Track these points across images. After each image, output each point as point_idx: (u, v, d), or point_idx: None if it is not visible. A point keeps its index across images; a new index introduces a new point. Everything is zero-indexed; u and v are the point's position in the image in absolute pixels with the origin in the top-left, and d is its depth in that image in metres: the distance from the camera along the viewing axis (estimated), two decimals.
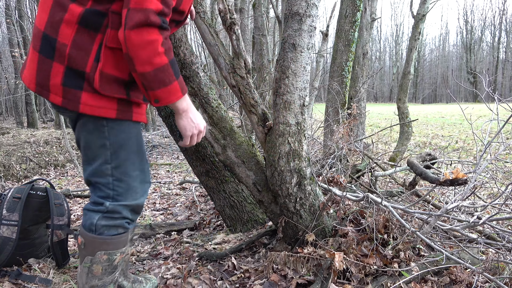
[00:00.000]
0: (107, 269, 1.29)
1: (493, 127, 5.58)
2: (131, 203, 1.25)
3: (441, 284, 1.49)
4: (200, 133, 1.24)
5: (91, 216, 1.24)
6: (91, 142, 1.18)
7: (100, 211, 1.23)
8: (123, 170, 1.21)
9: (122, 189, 1.22)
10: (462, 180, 1.45)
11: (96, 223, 1.23)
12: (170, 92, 1.10)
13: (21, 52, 9.64)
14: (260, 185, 1.79)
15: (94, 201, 1.24)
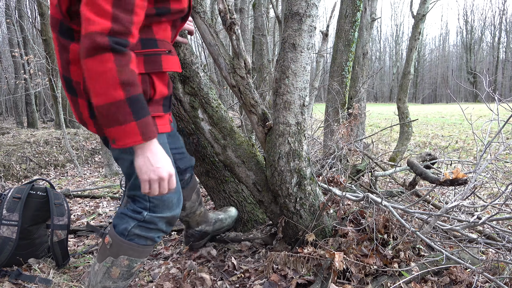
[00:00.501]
0: (124, 274, 1.30)
1: (493, 127, 5.58)
2: (167, 215, 1.27)
3: (441, 284, 1.49)
4: (162, 181, 1.05)
5: (127, 222, 1.25)
6: (123, 161, 1.21)
7: (137, 220, 1.24)
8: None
9: (158, 200, 1.23)
10: (462, 180, 1.45)
11: (131, 229, 1.24)
12: (125, 134, 0.96)
13: (21, 52, 9.64)
14: (260, 185, 1.79)
15: (133, 209, 1.25)
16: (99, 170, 5.84)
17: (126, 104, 0.94)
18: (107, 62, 0.90)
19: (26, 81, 10.45)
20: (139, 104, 0.97)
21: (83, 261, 2.01)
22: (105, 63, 0.90)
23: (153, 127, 1.01)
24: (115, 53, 0.91)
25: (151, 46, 1.13)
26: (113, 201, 3.62)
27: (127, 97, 0.94)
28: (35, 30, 12.53)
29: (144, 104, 0.99)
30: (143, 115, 0.98)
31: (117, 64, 0.91)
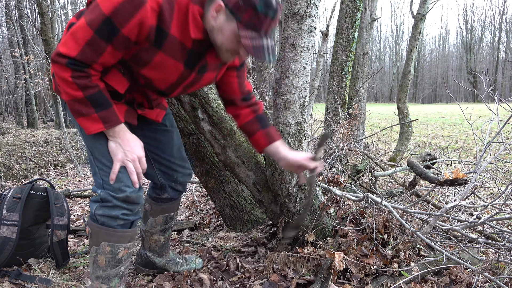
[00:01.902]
0: (111, 261, 1.33)
1: (493, 127, 5.58)
2: (118, 195, 1.27)
3: (441, 284, 1.49)
4: (135, 161, 1.25)
5: (91, 206, 1.31)
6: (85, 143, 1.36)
7: (97, 201, 1.30)
8: (99, 159, 1.29)
9: (106, 177, 1.27)
10: (462, 180, 1.45)
11: (95, 212, 1.29)
12: (89, 123, 1.17)
13: (21, 52, 9.65)
14: (260, 185, 1.79)
15: (94, 191, 1.32)
16: None
17: (86, 100, 1.15)
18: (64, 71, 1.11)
19: (26, 81, 10.45)
20: (99, 100, 1.16)
21: (83, 261, 2.01)
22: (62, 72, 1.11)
23: (116, 116, 1.19)
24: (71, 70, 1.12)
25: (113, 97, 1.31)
26: None
27: (86, 96, 1.14)
28: (35, 30, 12.52)
29: (105, 99, 1.17)
30: (104, 108, 1.17)
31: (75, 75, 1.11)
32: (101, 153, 1.28)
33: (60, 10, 13.08)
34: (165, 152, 1.57)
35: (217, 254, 1.94)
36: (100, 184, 1.29)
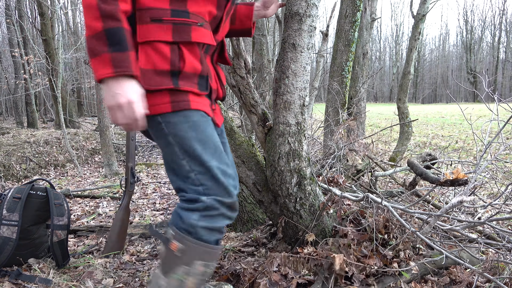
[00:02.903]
0: (198, 284, 1.11)
1: (493, 127, 5.58)
2: (225, 199, 1.08)
3: (441, 284, 1.50)
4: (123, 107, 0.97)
5: (188, 216, 1.06)
6: (160, 145, 1.11)
7: (198, 210, 1.06)
8: (200, 161, 1.07)
9: (210, 182, 1.07)
10: (463, 180, 1.45)
11: (197, 224, 1.05)
12: (99, 65, 0.96)
13: (21, 52, 9.64)
14: (260, 185, 1.79)
15: (188, 199, 1.07)
16: (99, 170, 5.84)
17: (104, 35, 0.97)
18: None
19: (26, 81, 10.44)
20: (117, 37, 0.97)
21: (83, 261, 2.01)
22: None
23: (130, 64, 0.97)
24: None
25: (181, 16, 1.09)
26: (113, 201, 3.62)
27: (104, 28, 0.97)
28: (35, 30, 12.52)
29: (124, 40, 0.98)
30: (120, 50, 0.97)
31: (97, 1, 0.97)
32: (199, 147, 1.07)
33: (60, 10, 13.09)
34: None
35: None
36: (199, 191, 1.06)
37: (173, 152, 1.08)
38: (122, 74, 0.96)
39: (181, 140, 1.07)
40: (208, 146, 1.09)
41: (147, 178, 4.87)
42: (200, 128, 1.09)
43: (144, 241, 2.39)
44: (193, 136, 1.07)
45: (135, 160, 2.37)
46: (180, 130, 1.06)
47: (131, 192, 2.22)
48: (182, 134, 1.07)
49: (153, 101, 1.05)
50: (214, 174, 1.07)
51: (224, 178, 1.09)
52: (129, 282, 1.73)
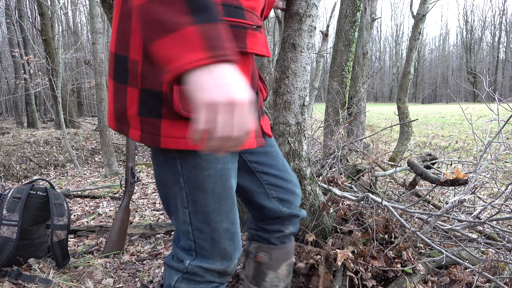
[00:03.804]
0: None
1: (493, 127, 5.58)
2: (217, 267, 0.89)
3: (441, 284, 1.49)
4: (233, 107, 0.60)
5: (170, 275, 0.93)
6: (163, 178, 0.88)
7: (180, 271, 0.91)
8: (204, 219, 0.86)
9: (206, 243, 0.88)
10: (463, 180, 1.45)
11: (174, 285, 0.91)
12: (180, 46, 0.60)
13: (21, 52, 9.64)
14: None
15: (175, 255, 0.93)
16: (99, 170, 5.84)
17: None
18: None
19: (26, 81, 10.45)
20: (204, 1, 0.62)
21: (83, 261, 2.01)
22: None
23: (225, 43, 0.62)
24: None
25: (236, 15, 0.81)
26: (113, 201, 3.62)
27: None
28: (35, 30, 12.53)
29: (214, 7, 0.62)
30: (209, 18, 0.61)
31: None
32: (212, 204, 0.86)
33: (60, 10, 13.09)
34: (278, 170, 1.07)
35: None
36: (190, 247, 0.89)
37: (177, 195, 0.87)
38: (222, 59, 0.60)
39: (194, 189, 0.85)
40: (224, 203, 0.87)
41: (147, 178, 4.87)
42: (222, 179, 0.86)
43: (144, 241, 2.39)
44: (210, 189, 0.85)
45: (135, 160, 2.37)
46: (197, 177, 0.83)
47: (131, 192, 2.23)
48: (199, 182, 0.84)
49: (179, 131, 0.78)
50: (218, 237, 0.88)
51: (228, 242, 0.90)
52: (129, 282, 1.73)
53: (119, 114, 0.83)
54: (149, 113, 0.79)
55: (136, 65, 0.79)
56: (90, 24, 5.01)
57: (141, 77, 0.78)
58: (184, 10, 0.60)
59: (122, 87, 0.82)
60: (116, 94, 0.83)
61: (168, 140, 0.78)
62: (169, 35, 0.60)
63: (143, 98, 0.79)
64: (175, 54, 0.60)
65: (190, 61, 0.59)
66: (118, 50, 0.83)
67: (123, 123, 0.83)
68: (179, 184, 0.85)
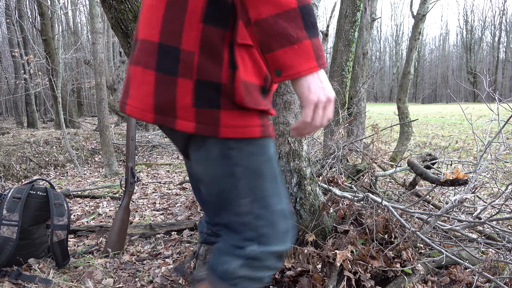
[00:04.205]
0: None
1: (493, 127, 5.58)
2: (278, 249, 0.90)
3: (441, 284, 1.49)
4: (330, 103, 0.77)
5: (227, 261, 0.90)
6: (216, 172, 0.88)
7: (241, 257, 0.89)
8: (264, 204, 0.88)
9: (267, 229, 0.89)
10: (463, 180, 1.45)
11: (235, 271, 0.89)
12: (299, 56, 0.72)
13: (21, 52, 9.65)
14: None
15: (234, 244, 0.90)
16: (99, 170, 5.84)
17: (299, 13, 0.72)
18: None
19: (26, 81, 10.45)
20: (313, 17, 0.74)
21: (83, 261, 2.01)
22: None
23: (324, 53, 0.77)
24: None
25: None
26: (113, 201, 3.62)
27: (300, 5, 0.72)
28: (35, 30, 12.53)
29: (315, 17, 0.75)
30: (316, 33, 0.74)
31: None
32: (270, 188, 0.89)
33: (60, 10, 13.09)
34: None
35: None
36: (250, 236, 0.88)
37: (235, 186, 0.87)
38: (323, 66, 0.76)
39: (253, 175, 0.87)
40: (278, 186, 0.91)
41: (147, 178, 4.87)
42: (273, 163, 0.90)
43: (144, 241, 2.39)
44: (267, 174, 0.88)
45: (135, 160, 2.37)
46: (256, 164, 0.87)
47: (131, 192, 2.22)
48: (257, 168, 0.87)
49: (243, 121, 0.83)
50: (275, 220, 0.90)
51: (284, 224, 0.92)
52: (129, 282, 1.73)
53: (162, 106, 0.83)
54: (206, 103, 0.81)
55: (191, 57, 0.81)
56: (90, 24, 5.01)
57: (198, 68, 0.81)
58: (301, 26, 0.72)
59: (170, 79, 0.82)
60: (159, 86, 0.83)
61: (227, 129, 0.82)
62: (292, 46, 0.72)
63: (199, 89, 0.81)
64: (294, 62, 0.73)
65: (306, 68, 0.73)
66: (164, 40, 0.83)
67: (168, 115, 0.83)
68: (235, 175, 0.86)
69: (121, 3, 1.83)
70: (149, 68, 0.85)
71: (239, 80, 0.81)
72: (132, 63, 0.90)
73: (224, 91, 0.81)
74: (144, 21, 0.88)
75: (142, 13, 0.90)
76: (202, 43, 0.81)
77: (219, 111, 0.82)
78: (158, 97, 0.83)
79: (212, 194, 0.92)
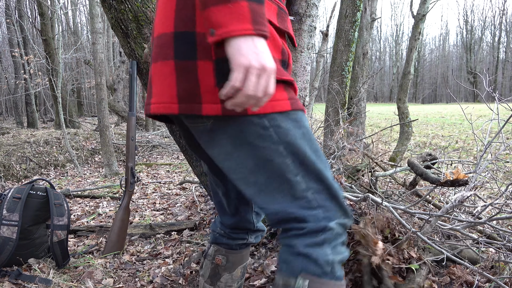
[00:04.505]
0: None
1: (493, 127, 5.59)
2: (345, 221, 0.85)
3: (441, 284, 1.49)
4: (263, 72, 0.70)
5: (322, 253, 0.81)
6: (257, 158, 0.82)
7: (328, 241, 0.81)
8: (317, 176, 0.83)
9: (329, 202, 0.84)
10: (463, 180, 1.45)
11: (334, 259, 0.81)
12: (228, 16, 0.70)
13: (21, 52, 9.65)
14: None
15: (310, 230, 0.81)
16: (99, 170, 5.84)
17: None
18: None
19: (26, 81, 10.46)
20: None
21: (83, 261, 2.01)
22: None
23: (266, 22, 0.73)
24: None
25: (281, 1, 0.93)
26: (113, 201, 3.62)
27: None
28: (35, 30, 12.53)
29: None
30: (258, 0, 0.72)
31: None
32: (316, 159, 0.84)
33: (60, 10, 13.10)
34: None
35: None
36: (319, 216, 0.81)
37: (284, 166, 0.81)
38: (261, 34, 0.71)
39: (297, 150, 0.82)
40: (322, 156, 0.86)
41: (147, 178, 4.87)
42: (311, 134, 0.87)
43: (144, 241, 2.39)
44: (308, 146, 0.84)
45: (135, 160, 2.37)
46: (295, 138, 0.82)
47: (131, 192, 2.22)
48: (298, 142, 0.82)
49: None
50: (334, 191, 0.84)
51: (340, 194, 0.86)
52: (129, 282, 1.73)
53: (187, 93, 0.80)
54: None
55: (204, 39, 0.80)
56: (90, 24, 5.01)
57: (215, 47, 0.78)
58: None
59: (189, 64, 0.80)
60: (180, 74, 0.81)
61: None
62: (226, 4, 0.69)
63: (219, 68, 0.79)
64: (226, 21, 0.69)
65: (238, 29, 0.69)
66: (179, 28, 0.82)
67: (194, 101, 0.80)
68: (280, 154, 0.81)
69: (121, 3, 1.83)
70: (168, 59, 0.83)
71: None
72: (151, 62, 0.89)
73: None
74: (159, 18, 0.88)
75: (156, 13, 0.90)
76: None
77: None
78: (180, 85, 0.81)
79: (258, 184, 0.84)
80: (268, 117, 0.80)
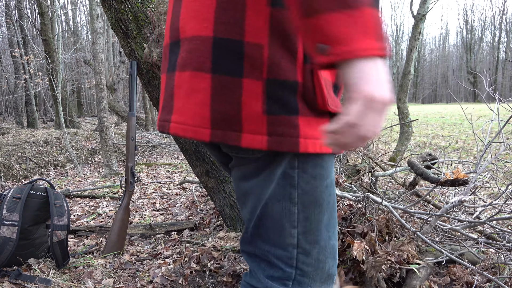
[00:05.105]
0: None
1: (493, 127, 5.58)
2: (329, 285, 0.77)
3: (441, 284, 1.49)
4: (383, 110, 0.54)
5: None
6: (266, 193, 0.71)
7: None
8: (315, 238, 0.73)
9: (310, 267, 0.73)
10: (463, 180, 1.45)
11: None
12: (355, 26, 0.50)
13: (21, 52, 9.65)
14: None
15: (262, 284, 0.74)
16: (99, 170, 5.84)
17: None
18: None
19: (26, 81, 10.46)
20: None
21: (83, 261, 2.01)
22: None
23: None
24: None
25: None
26: (113, 201, 3.62)
27: None
28: (35, 30, 12.53)
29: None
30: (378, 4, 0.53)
31: None
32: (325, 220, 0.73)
33: (60, 10, 13.10)
34: None
35: (217, 254, 1.94)
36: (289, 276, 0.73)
37: (285, 213, 0.71)
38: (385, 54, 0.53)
39: (309, 203, 0.71)
40: (334, 217, 0.75)
41: (147, 178, 4.87)
42: (334, 189, 0.75)
43: (144, 241, 2.39)
44: (326, 202, 0.72)
45: (135, 160, 2.37)
46: (316, 189, 0.70)
47: (131, 192, 2.22)
48: (316, 195, 0.71)
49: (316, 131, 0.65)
50: (323, 257, 0.74)
51: (332, 261, 0.76)
52: (129, 282, 1.73)
53: (222, 117, 0.65)
54: (282, 109, 0.63)
55: (259, 51, 0.63)
56: (90, 24, 5.01)
57: (268, 65, 0.63)
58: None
59: (232, 81, 0.64)
60: (217, 92, 0.65)
61: (307, 141, 0.64)
62: (346, 11, 0.50)
63: (271, 92, 0.63)
64: (349, 35, 0.50)
65: (364, 48, 0.50)
66: (220, 33, 0.64)
67: (230, 128, 0.64)
68: (291, 200, 0.70)
69: (121, 3, 1.83)
70: (202, 70, 0.66)
71: (320, 77, 0.63)
72: (173, 69, 0.72)
73: (301, 91, 0.64)
74: (189, 14, 0.69)
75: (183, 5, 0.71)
76: (271, 32, 0.63)
77: (297, 118, 0.64)
78: (216, 106, 0.65)
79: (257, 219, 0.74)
80: (301, 156, 0.67)
